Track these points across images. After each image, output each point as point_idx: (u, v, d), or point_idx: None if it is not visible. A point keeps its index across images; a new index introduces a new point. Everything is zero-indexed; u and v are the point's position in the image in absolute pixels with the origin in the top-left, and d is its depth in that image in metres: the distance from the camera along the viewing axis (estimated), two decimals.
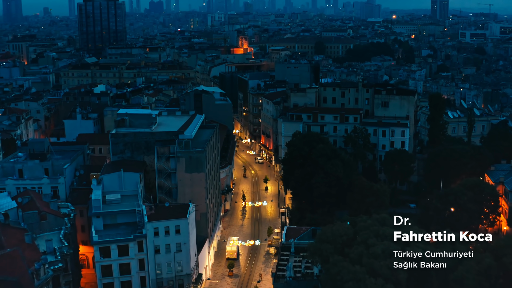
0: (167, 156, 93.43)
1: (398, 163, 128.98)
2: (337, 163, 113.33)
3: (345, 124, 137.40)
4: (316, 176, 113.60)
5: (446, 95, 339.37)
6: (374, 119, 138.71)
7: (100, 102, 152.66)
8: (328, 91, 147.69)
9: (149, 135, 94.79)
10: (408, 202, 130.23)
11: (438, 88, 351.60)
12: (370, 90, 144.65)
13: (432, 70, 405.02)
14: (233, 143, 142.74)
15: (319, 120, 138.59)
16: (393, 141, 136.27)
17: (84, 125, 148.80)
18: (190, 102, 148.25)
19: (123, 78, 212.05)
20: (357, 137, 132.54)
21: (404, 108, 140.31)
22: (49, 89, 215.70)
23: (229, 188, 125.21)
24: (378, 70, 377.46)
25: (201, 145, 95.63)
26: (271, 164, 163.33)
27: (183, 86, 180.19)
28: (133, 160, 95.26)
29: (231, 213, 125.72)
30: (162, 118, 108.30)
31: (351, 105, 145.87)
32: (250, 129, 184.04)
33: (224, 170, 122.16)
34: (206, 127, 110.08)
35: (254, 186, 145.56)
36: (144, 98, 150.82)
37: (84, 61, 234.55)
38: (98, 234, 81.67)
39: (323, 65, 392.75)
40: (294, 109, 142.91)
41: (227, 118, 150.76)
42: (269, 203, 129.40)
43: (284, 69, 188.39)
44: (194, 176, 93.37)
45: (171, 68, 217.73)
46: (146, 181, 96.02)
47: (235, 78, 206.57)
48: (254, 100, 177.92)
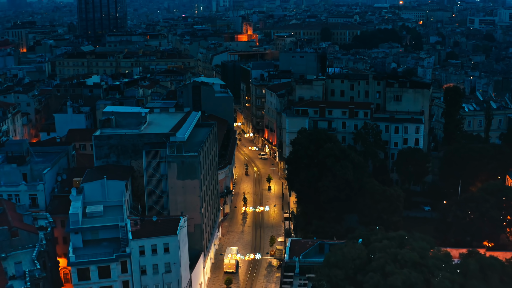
0: (157, 160, 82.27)
1: (412, 163, 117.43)
2: (346, 164, 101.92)
3: (355, 120, 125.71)
4: (324, 179, 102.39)
5: (456, 84, 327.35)
6: (385, 114, 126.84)
7: (93, 94, 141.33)
8: (336, 83, 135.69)
9: (137, 138, 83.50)
10: (422, 205, 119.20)
11: (447, 76, 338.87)
12: (382, 83, 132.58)
13: (440, 57, 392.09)
14: (233, 139, 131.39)
15: (326, 115, 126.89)
16: (406, 138, 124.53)
17: (75, 120, 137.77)
18: (188, 94, 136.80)
19: (120, 68, 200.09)
20: (368, 134, 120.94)
21: (418, 102, 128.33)
22: (44, 78, 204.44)
23: (228, 190, 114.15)
24: (386, 57, 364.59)
25: (195, 148, 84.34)
26: (274, 160, 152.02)
27: (182, 76, 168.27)
28: (119, 165, 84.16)
29: (231, 217, 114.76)
30: (154, 116, 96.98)
31: (361, 99, 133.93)
32: (253, 122, 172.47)
33: (223, 171, 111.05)
34: (203, 125, 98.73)
35: (257, 185, 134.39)
36: (139, 90, 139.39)
37: (80, 50, 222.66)
38: (76, 253, 70.86)
39: (330, 52, 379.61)
40: (300, 103, 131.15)
41: (228, 112, 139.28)
42: (272, 208, 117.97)
43: (289, 58, 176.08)
44: (187, 184, 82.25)
45: (170, 57, 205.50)
46: (134, 188, 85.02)
47: (237, 67, 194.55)
48: (257, 91, 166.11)
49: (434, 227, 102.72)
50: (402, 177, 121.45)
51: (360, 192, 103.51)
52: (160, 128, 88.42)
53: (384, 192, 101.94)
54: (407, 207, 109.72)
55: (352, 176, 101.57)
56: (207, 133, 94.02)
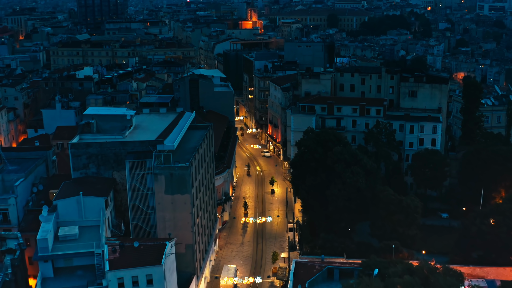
0: (142, 172, 70.76)
1: (429, 167, 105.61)
2: (358, 171, 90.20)
3: (366, 118, 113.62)
4: (332, 187, 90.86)
5: (466, 72, 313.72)
6: (400, 112, 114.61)
7: (83, 88, 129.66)
8: (346, 77, 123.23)
9: (119, 146, 71.86)
10: (439, 211, 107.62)
11: (457, 64, 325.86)
12: (396, 77, 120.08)
13: (450, 44, 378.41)
14: (234, 138, 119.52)
15: (335, 113, 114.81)
16: (422, 138, 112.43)
17: (64, 116, 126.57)
18: (185, 88, 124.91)
19: (117, 57, 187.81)
20: (380, 133, 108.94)
21: (435, 98, 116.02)
22: (38, 69, 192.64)
23: (228, 197, 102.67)
24: (394, 44, 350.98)
25: (187, 157, 72.75)
26: (279, 158, 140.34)
27: (180, 68, 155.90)
28: (99, 177, 72.69)
29: (230, 225, 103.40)
30: (142, 118, 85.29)
31: (373, 94, 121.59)
32: (256, 116, 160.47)
33: (221, 176, 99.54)
34: (197, 127, 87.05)
35: (259, 187, 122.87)
36: (133, 84, 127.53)
37: (75, 39, 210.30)
38: (45, 285, 59.78)
39: (337, 39, 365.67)
40: (306, 98, 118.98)
41: (228, 107, 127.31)
42: (275, 218, 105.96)
43: (295, 48, 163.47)
44: (176, 199, 70.80)
45: (169, 46, 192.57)
46: (116, 203, 73.68)
47: (240, 57, 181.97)
48: (260, 83, 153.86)
49: (455, 241, 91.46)
50: (418, 181, 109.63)
51: (373, 201, 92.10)
52: (147, 134, 76.77)
53: (400, 202, 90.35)
54: (423, 214, 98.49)
55: (364, 184, 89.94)
56: (202, 137, 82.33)
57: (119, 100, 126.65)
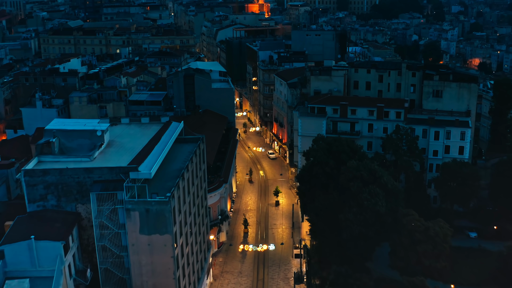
0: (112, 207, 55.70)
1: (457, 181, 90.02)
2: (376, 192, 74.68)
3: (384, 122, 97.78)
4: (347, 210, 75.63)
5: (482, 58, 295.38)
6: (423, 115, 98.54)
7: (67, 84, 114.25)
8: (361, 73, 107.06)
9: (83, 173, 56.72)
10: (467, 230, 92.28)
11: (472, 50, 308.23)
12: (418, 74, 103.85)
13: (464, 29, 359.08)
14: (234, 143, 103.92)
15: (349, 115, 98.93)
16: (449, 145, 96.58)
17: (46, 115, 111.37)
18: (179, 85, 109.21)
19: (111, 46, 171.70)
20: (400, 140, 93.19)
21: (463, 99, 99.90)
22: (29, 57, 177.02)
23: (224, 216, 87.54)
24: (407, 29, 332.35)
25: (168, 186, 57.58)
26: (284, 161, 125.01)
27: (177, 59, 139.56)
28: (60, 211, 57.68)
29: (227, 248, 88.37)
30: (119, 131, 69.92)
31: (391, 93, 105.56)
32: (260, 112, 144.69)
33: (217, 192, 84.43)
34: (186, 140, 71.70)
35: (262, 196, 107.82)
36: (121, 79, 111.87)
37: (67, 25, 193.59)
38: None
39: (347, 23, 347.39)
40: (316, 98, 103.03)
41: (228, 106, 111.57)
42: (278, 244, 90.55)
43: (303, 37, 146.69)
44: (154, 240, 55.82)
45: (167, 33, 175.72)
46: (82, 242, 58.82)
47: (243, 45, 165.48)
48: (265, 77, 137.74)
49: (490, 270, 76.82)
50: (443, 195, 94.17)
51: (394, 227, 76.87)
52: (122, 154, 61.47)
53: (427, 230, 75.09)
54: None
55: (384, 207, 74.51)
56: (191, 153, 67.00)
57: (106, 98, 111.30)
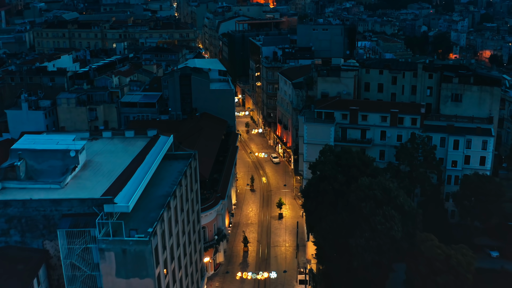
0: (83, 246, 46.58)
1: (479, 197, 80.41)
2: (392, 214, 65.33)
3: (399, 129, 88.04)
4: (358, 234, 66.34)
5: (493, 50, 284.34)
6: (441, 121, 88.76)
7: (55, 84, 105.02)
8: (372, 74, 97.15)
9: (50, 205, 47.64)
10: (487, 248, 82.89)
11: (483, 42, 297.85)
12: (435, 76, 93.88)
13: (474, 19, 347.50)
14: (233, 150, 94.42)
15: (359, 121, 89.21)
16: (469, 155, 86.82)
17: (32, 118, 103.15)
18: (175, 86, 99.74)
19: (107, 40, 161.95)
20: (416, 149, 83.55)
21: (485, 104, 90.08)
22: (23, 51, 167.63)
23: (221, 235, 78.31)
24: (416, 19, 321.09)
25: (151, 219, 48.38)
26: (289, 165, 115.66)
27: (175, 56, 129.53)
28: (25, 248, 48.65)
29: (225, 269, 79.37)
30: (100, 146, 60.66)
31: (406, 97, 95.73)
32: (263, 112, 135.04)
33: (213, 210, 75.22)
34: (176, 157, 62.38)
35: (264, 207, 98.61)
36: (113, 79, 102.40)
37: (61, 18, 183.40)
38: None
39: (354, 13, 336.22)
40: (323, 102, 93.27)
41: (227, 109, 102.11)
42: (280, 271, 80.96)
43: (309, 31, 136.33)
44: (133, 284, 46.75)
45: (165, 27, 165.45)
46: (52, 283, 49.82)
47: (246, 40, 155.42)
48: (268, 74, 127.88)
49: None
50: (462, 210, 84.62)
51: (411, 254, 67.59)
52: (98, 179, 52.21)
53: (448, 259, 65.69)
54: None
55: (400, 231, 65.13)
56: (181, 173, 57.70)
57: (97, 99, 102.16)
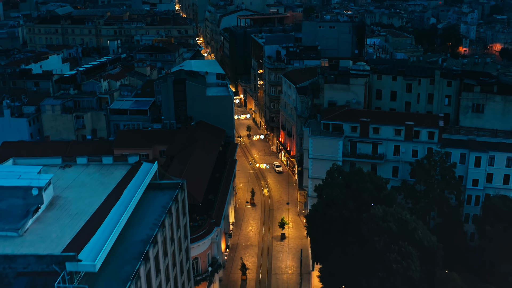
0: None
1: (503, 224, 71.31)
2: (409, 251, 56.50)
3: (414, 143, 78.73)
4: (370, 273, 57.73)
5: (503, 44, 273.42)
6: (461, 135, 79.42)
7: (39, 89, 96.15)
8: (385, 81, 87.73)
9: (3, 262, 38.91)
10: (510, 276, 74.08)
11: (493, 34, 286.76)
12: (454, 83, 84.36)
13: (484, 11, 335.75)
14: (231, 164, 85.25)
15: (370, 135, 79.96)
16: (492, 173, 77.63)
17: (15, 125, 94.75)
18: (168, 91, 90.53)
19: (101, 36, 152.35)
20: (434, 167, 74.37)
21: (509, 116, 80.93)
22: (16, 47, 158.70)
23: (216, 265, 69.54)
24: (424, 11, 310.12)
25: (124, 276, 39.54)
26: (292, 176, 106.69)
27: (171, 55, 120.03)
28: None
29: None
30: (71, 176, 51.73)
31: (421, 106, 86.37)
32: (266, 115, 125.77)
33: (207, 239, 66.42)
34: (162, 187, 53.41)
35: (265, 225, 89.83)
36: (101, 84, 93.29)
37: (54, 13, 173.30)
38: None
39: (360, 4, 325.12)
40: (330, 111, 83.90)
41: (225, 117, 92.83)
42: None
43: (315, 29, 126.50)
44: None
45: (163, 23, 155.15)
46: None
47: (248, 36, 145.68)
48: (271, 76, 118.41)
49: None
50: (482, 233, 75.65)
51: None
52: (64, 223, 43.33)
53: None
54: (487, 278, 67.10)
55: (419, 271, 56.27)
56: (164, 211, 48.73)
57: (84, 106, 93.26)
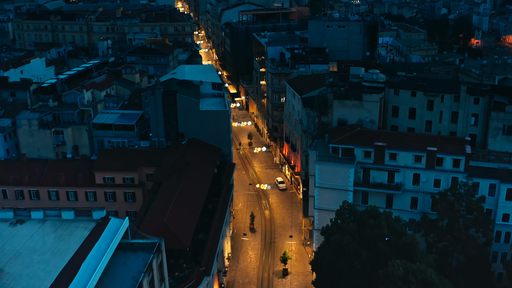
0: None
1: None
2: None
3: (436, 172, 67.58)
4: None
5: None
6: (491, 162, 68.20)
7: (16, 100, 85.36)
8: (402, 96, 76.30)
9: None
10: None
11: (507, 26, 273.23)
12: (482, 100, 72.87)
13: (497, 1, 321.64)
14: (227, 189, 74.45)
15: (386, 161, 68.84)
16: None
17: None
18: (157, 105, 79.50)
19: (93, 33, 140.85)
20: (459, 200, 63.40)
21: None
22: (6, 43, 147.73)
23: None
24: (435, 1, 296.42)
25: None
26: (297, 194, 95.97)
27: (164, 59, 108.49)
28: None
29: None
30: (22, 238, 41.14)
31: (444, 126, 75.05)
32: (268, 123, 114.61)
33: None
34: (134, 247, 42.80)
35: (266, 257, 79.32)
36: (84, 94, 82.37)
37: (44, 8, 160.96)
38: None
39: None
40: (340, 132, 72.76)
41: (221, 134, 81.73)
42: None
43: (323, 28, 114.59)
44: None
45: (159, 19, 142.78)
46: None
47: (250, 34, 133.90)
48: (274, 81, 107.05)
49: None
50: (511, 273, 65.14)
51: None
52: None
53: None
54: None
55: None
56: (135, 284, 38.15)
57: (64, 119, 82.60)
